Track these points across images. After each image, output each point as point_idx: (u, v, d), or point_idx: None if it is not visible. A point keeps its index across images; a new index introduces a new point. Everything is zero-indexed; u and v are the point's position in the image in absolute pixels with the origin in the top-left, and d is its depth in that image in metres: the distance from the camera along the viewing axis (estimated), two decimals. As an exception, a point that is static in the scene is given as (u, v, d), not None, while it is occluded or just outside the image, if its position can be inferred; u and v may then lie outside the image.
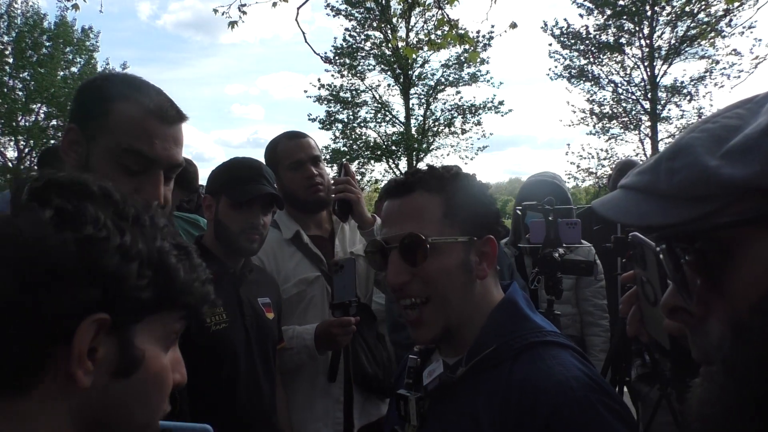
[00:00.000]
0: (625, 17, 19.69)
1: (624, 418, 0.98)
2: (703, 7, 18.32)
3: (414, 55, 19.25)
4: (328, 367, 2.21)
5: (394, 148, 21.92)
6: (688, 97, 19.86)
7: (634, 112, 20.89)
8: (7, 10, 21.13)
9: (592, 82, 20.82)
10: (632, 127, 21.09)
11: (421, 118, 22.30)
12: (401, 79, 21.88)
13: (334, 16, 21.35)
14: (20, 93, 21.73)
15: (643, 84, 20.32)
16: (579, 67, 20.74)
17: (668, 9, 19.11)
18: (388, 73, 21.96)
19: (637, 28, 19.91)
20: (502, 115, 21.77)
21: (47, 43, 21.85)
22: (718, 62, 19.19)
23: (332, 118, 22.00)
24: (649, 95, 20.08)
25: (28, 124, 22.03)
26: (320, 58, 9.44)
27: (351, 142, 22.22)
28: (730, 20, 17.86)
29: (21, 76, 21.60)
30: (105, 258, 0.63)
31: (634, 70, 20.42)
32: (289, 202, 2.28)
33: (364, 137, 22.27)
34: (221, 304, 1.83)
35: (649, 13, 19.51)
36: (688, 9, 18.52)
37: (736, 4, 12.26)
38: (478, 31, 18.64)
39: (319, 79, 21.94)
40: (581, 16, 20.07)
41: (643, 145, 20.67)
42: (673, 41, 19.39)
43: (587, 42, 20.25)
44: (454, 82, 21.89)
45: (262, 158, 2.38)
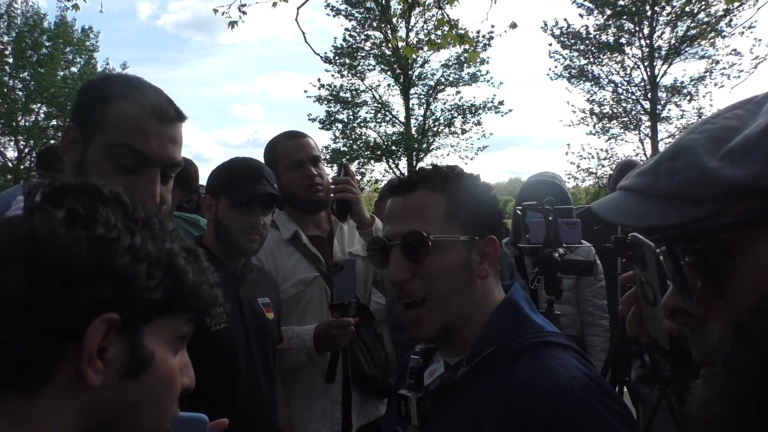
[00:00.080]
0: (625, 17, 19.69)
1: (624, 418, 0.98)
2: (703, 7, 18.33)
3: (414, 55, 19.24)
4: (326, 368, 2.21)
5: (394, 148, 21.91)
6: (688, 97, 19.88)
7: (634, 112, 20.89)
8: (7, 10, 21.13)
9: (592, 82, 20.83)
10: (632, 127, 21.09)
11: (421, 118, 22.31)
12: (401, 79, 21.87)
13: (334, 16, 21.38)
14: (20, 93, 21.73)
15: (643, 84, 20.32)
16: (579, 67, 20.74)
17: (668, 9, 19.11)
18: (388, 73, 21.96)
19: (637, 28, 19.91)
20: (502, 115, 21.79)
21: (47, 43, 21.84)
22: (718, 62, 19.22)
23: (332, 118, 22.00)
24: (649, 95, 20.08)
25: (28, 124, 22.04)
26: (320, 58, 9.44)
27: (351, 142, 22.22)
28: (730, 20, 17.88)
29: (21, 76, 21.60)
30: (116, 257, 0.64)
31: (634, 70, 20.45)
32: (289, 202, 2.28)
33: (364, 137, 22.27)
34: (221, 304, 1.82)
35: (649, 13, 19.50)
36: (688, 9, 18.53)
37: (736, 4, 12.28)
38: (478, 31, 18.70)
39: (319, 79, 21.98)
40: (581, 16, 20.11)
41: (643, 145, 20.69)
42: (673, 41, 19.39)
43: (587, 42, 20.25)
44: (454, 82, 21.89)
45: (261, 158, 2.38)
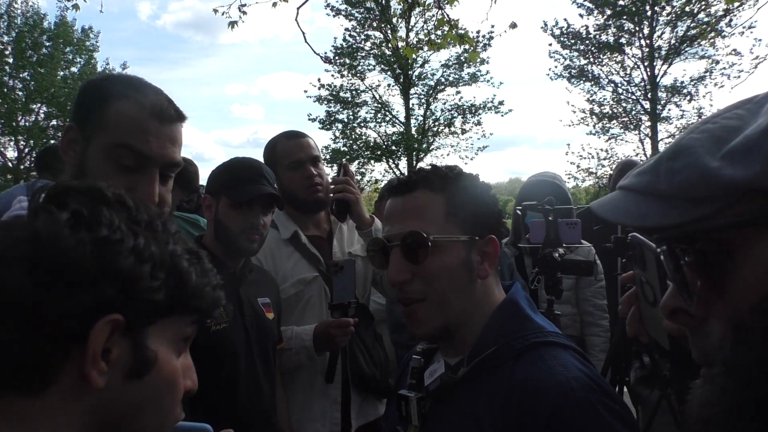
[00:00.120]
0: (625, 17, 19.69)
1: (624, 418, 0.98)
2: (703, 7, 18.33)
3: (414, 55, 19.25)
4: (325, 368, 2.21)
5: (394, 148, 21.91)
6: (688, 97, 19.88)
7: (634, 112, 20.89)
8: (7, 10, 21.13)
9: (592, 82, 20.83)
10: (632, 127, 21.09)
11: (421, 118, 22.30)
12: (401, 79, 21.87)
13: (334, 16, 21.38)
14: (20, 93, 21.72)
15: (643, 84, 20.32)
16: (579, 67, 20.74)
17: (668, 9, 19.11)
18: (388, 73, 21.96)
19: (637, 28, 19.91)
20: (502, 115, 21.78)
21: (47, 43, 21.84)
22: (718, 62, 19.22)
23: (332, 118, 22.00)
24: (649, 95, 20.08)
25: (28, 124, 22.03)
26: (320, 58, 9.44)
27: (351, 142, 22.22)
28: (730, 20, 17.88)
29: (21, 76, 21.60)
30: (119, 259, 0.64)
31: (634, 70, 20.44)
32: (288, 202, 2.27)
33: (364, 137, 22.27)
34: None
35: (649, 13, 19.50)
36: (688, 9, 18.53)
37: (736, 4, 12.28)
38: (478, 31, 18.70)
39: (319, 79, 21.98)
40: (581, 16, 20.10)
41: (643, 145, 20.69)
42: (673, 41, 19.39)
43: (587, 42, 20.25)
44: (454, 82, 21.89)
45: (261, 158, 2.38)
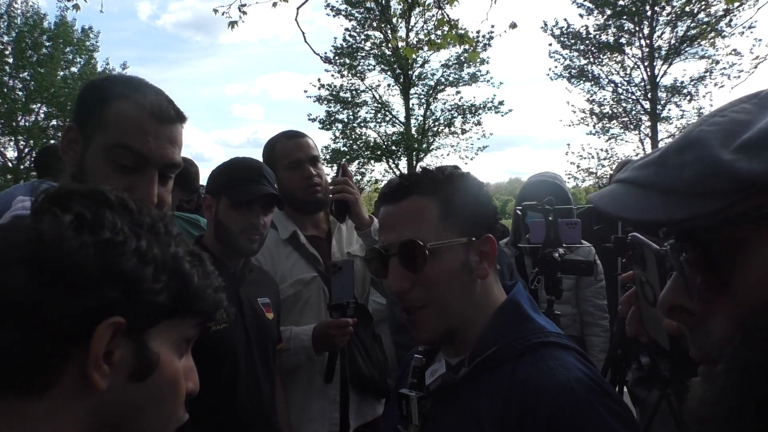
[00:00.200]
0: (625, 17, 19.69)
1: (625, 419, 0.98)
2: (703, 7, 18.33)
3: (414, 55, 19.26)
4: (324, 368, 2.21)
5: (394, 148, 21.92)
6: (688, 97, 19.89)
7: (634, 112, 20.90)
8: (7, 10, 21.13)
9: (592, 82, 20.83)
10: (632, 127, 21.10)
11: (421, 118, 22.31)
12: (401, 79, 21.88)
13: (334, 16, 21.39)
14: (20, 93, 21.73)
15: (643, 84, 20.33)
16: (579, 67, 20.74)
17: (668, 9, 19.11)
18: (388, 73, 21.96)
19: (637, 28, 19.91)
20: (502, 115, 21.80)
21: (47, 43, 21.84)
22: (718, 62, 19.22)
23: (332, 118, 22.01)
24: (649, 95, 20.08)
25: (28, 124, 22.04)
26: (320, 58, 9.42)
27: (351, 142, 22.22)
28: (730, 20, 17.89)
29: (21, 76, 21.60)
30: (122, 261, 0.65)
31: (634, 70, 20.45)
32: (287, 202, 2.27)
33: (364, 137, 22.28)
34: None
35: (649, 13, 19.50)
36: (688, 9, 18.53)
37: (736, 4, 12.28)
38: (478, 31, 18.72)
39: (319, 79, 21.99)
40: (581, 16, 20.10)
41: (643, 145, 20.68)
42: (673, 41, 19.39)
43: (587, 42, 20.25)
44: (454, 82, 21.90)
45: (260, 158, 2.38)
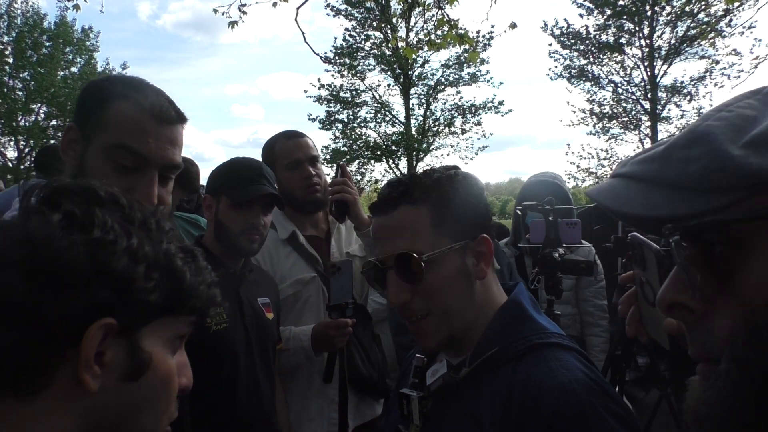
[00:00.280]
0: (625, 17, 19.69)
1: (625, 420, 0.98)
2: (703, 7, 18.34)
3: (414, 55, 19.26)
4: (323, 368, 2.21)
5: (394, 148, 21.92)
6: (688, 97, 19.91)
7: (634, 112, 20.91)
8: (7, 10, 21.14)
9: (592, 82, 20.85)
10: (632, 127, 21.12)
11: (421, 118, 22.32)
12: (401, 79, 21.88)
13: (334, 16, 21.39)
14: (20, 93, 21.74)
15: (643, 84, 20.34)
16: (579, 67, 20.76)
17: (668, 9, 19.12)
18: (388, 73, 21.97)
19: (637, 28, 19.92)
20: (502, 115, 21.81)
21: (47, 43, 21.85)
22: (718, 62, 19.24)
23: (332, 118, 22.01)
24: (649, 95, 20.09)
25: (28, 124, 22.04)
26: (320, 58, 9.41)
27: (351, 142, 22.22)
28: (730, 20, 17.90)
29: (21, 76, 21.62)
30: (113, 260, 0.64)
31: (634, 70, 20.47)
32: (286, 202, 2.27)
33: (364, 137, 22.28)
34: (221, 304, 1.82)
35: (649, 13, 19.51)
36: (688, 9, 18.53)
37: (736, 4, 12.28)
38: (478, 31, 18.75)
39: (319, 79, 22.01)
40: (581, 16, 20.13)
41: (643, 145, 20.66)
42: (673, 41, 19.40)
43: (587, 42, 20.26)
44: (454, 82, 21.90)
45: (260, 158, 2.38)
